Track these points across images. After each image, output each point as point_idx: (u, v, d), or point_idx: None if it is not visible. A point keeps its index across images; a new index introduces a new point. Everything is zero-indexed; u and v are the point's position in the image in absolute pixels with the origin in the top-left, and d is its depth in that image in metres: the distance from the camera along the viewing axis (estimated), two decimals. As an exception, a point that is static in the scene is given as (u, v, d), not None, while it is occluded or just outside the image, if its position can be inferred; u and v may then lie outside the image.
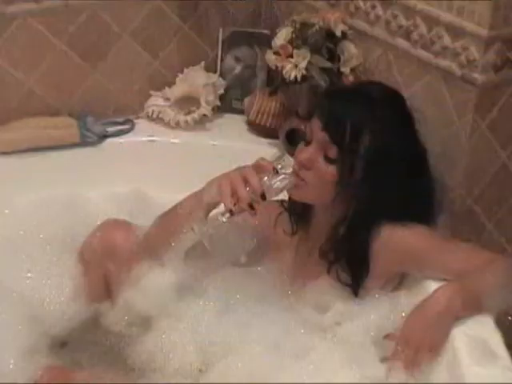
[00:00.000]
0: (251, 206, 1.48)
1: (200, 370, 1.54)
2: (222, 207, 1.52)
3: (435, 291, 1.49)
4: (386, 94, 1.63)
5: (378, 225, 1.56)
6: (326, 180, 1.54)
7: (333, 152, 1.53)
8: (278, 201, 1.70)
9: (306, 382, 1.48)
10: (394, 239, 1.56)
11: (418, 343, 1.45)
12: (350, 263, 1.59)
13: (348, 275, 1.60)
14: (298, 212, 1.68)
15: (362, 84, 1.80)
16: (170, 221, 1.63)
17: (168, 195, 1.71)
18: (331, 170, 1.53)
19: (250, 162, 2.09)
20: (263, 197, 1.48)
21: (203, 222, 1.52)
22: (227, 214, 1.48)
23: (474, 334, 1.44)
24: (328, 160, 1.53)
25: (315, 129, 1.55)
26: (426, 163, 1.63)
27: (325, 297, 1.60)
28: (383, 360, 1.48)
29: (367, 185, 1.54)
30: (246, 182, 1.49)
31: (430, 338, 1.45)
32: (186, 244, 1.61)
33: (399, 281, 1.62)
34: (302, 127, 1.98)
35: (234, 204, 1.48)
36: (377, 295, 1.58)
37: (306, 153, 1.55)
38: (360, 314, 1.56)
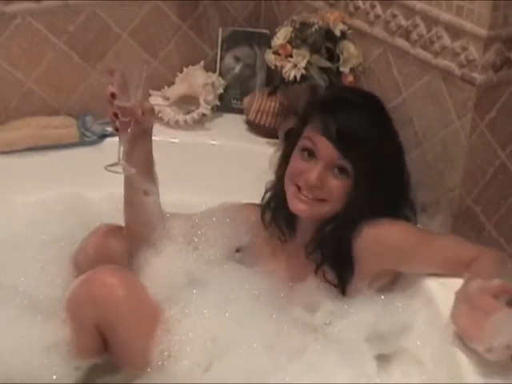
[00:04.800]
0: (115, 115, 1.55)
1: (199, 366, 1.53)
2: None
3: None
4: (371, 98, 1.66)
5: (360, 223, 1.58)
6: (339, 194, 1.57)
7: (345, 166, 1.55)
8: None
9: (304, 382, 1.48)
10: (376, 237, 1.58)
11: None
12: (335, 263, 1.61)
13: (334, 275, 1.61)
14: (282, 218, 1.68)
15: (346, 92, 1.78)
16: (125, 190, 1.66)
17: (167, 195, 1.71)
18: (343, 183, 1.56)
19: (249, 161, 2.11)
20: (113, 95, 1.54)
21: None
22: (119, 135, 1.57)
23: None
24: (339, 175, 1.56)
25: (323, 147, 1.56)
26: (403, 156, 1.66)
27: (312, 297, 1.61)
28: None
29: (366, 188, 1.56)
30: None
31: None
32: (153, 210, 1.64)
33: (391, 279, 1.63)
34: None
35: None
36: (368, 294, 1.59)
37: (315, 172, 1.56)
38: (350, 313, 1.57)
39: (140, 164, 1.60)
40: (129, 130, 1.56)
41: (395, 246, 1.57)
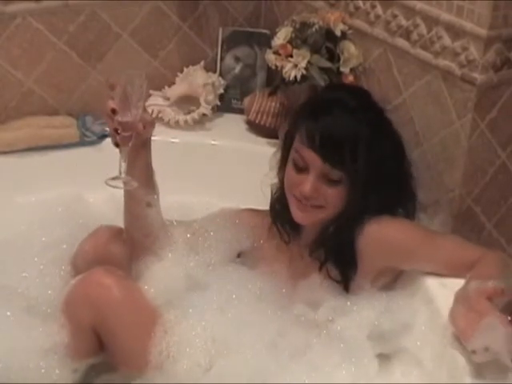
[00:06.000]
0: (115, 130, 1.52)
1: (199, 366, 1.53)
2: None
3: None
4: (358, 95, 1.65)
5: (362, 221, 1.58)
6: (335, 200, 1.57)
7: (336, 175, 1.55)
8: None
9: (305, 381, 1.48)
10: (378, 234, 1.58)
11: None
12: (338, 260, 1.61)
13: (338, 272, 1.61)
14: (286, 221, 1.68)
15: (328, 94, 1.75)
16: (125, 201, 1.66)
17: (167, 195, 1.71)
18: (338, 190, 1.56)
19: (249, 161, 2.11)
20: (113, 111, 1.51)
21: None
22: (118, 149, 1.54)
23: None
24: (332, 183, 1.56)
25: (311, 159, 1.55)
26: (404, 149, 1.65)
27: (315, 293, 1.61)
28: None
29: (363, 188, 1.56)
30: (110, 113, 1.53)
31: None
32: (155, 221, 1.63)
33: (393, 278, 1.63)
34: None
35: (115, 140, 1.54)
36: (370, 292, 1.59)
37: (308, 184, 1.55)
38: (353, 311, 1.57)
39: (141, 175, 1.60)
40: (130, 144, 1.54)
41: (397, 244, 1.58)
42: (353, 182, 1.56)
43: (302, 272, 1.66)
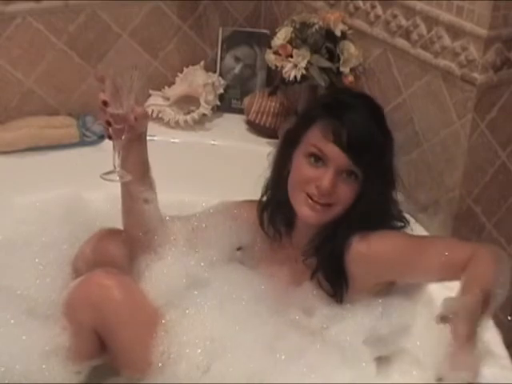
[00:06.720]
0: (107, 123, 1.52)
1: (199, 367, 1.53)
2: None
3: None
4: (370, 100, 1.64)
5: (351, 235, 1.57)
6: (347, 198, 1.56)
7: (356, 173, 1.54)
8: None
9: (304, 382, 1.48)
10: (367, 253, 1.56)
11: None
12: (328, 276, 1.60)
13: (329, 286, 1.60)
14: (282, 221, 1.68)
15: (345, 96, 1.70)
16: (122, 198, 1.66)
17: (168, 195, 1.71)
18: (352, 187, 1.55)
19: (249, 161, 2.11)
20: (105, 103, 1.52)
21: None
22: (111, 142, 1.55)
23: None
24: (348, 179, 1.55)
25: (333, 154, 1.54)
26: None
27: (309, 301, 1.61)
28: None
29: (373, 190, 1.56)
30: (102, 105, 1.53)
31: None
32: (153, 217, 1.64)
33: (390, 284, 1.62)
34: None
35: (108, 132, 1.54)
36: (366, 298, 1.58)
37: (327, 180, 1.53)
38: (348, 318, 1.57)
39: (136, 169, 1.59)
40: (123, 137, 1.54)
41: (387, 260, 1.56)
42: (366, 182, 1.55)
43: (298, 277, 1.66)
